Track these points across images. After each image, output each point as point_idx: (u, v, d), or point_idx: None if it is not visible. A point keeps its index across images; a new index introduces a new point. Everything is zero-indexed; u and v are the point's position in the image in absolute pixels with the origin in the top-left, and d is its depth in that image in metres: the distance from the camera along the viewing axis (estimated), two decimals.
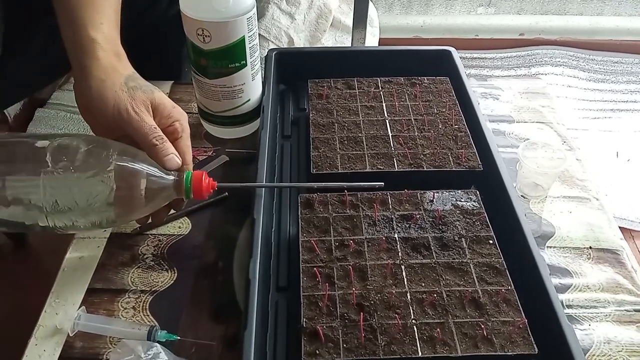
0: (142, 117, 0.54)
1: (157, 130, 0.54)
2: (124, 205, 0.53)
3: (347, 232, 0.57)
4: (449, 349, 0.47)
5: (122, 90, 0.54)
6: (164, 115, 0.57)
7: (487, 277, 0.53)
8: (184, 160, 0.56)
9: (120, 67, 0.57)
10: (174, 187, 0.55)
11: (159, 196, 0.55)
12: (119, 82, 0.55)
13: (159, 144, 0.53)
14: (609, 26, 1.84)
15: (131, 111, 0.54)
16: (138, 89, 0.55)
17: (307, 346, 0.47)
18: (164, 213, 0.59)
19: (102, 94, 0.54)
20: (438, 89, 0.75)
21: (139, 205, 0.54)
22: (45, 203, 0.51)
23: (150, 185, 0.53)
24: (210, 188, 0.56)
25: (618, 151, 1.46)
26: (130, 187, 0.52)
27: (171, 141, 0.56)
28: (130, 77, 0.56)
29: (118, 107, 0.54)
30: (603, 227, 0.65)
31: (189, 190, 0.55)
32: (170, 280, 0.59)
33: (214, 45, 0.65)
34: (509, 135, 0.79)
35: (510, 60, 1.81)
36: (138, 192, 0.53)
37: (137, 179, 0.53)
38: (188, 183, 0.55)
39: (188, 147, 0.58)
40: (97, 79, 0.54)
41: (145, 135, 0.54)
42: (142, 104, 0.55)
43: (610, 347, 0.54)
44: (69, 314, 0.54)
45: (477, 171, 0.64)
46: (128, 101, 0.54)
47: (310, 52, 0.88)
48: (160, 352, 0.50)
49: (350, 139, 0.67)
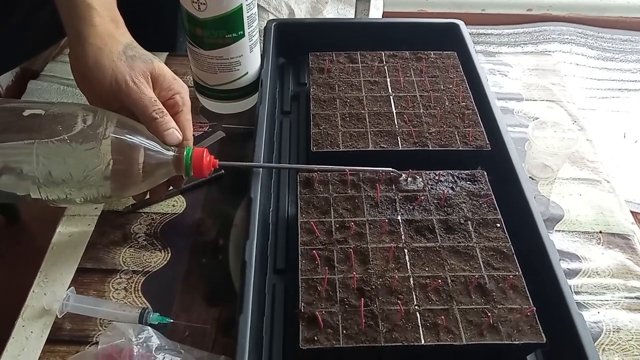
0: (142, 89, 0.51)
1: (157, 102, 0.52)
2: (121, 180, 0.51)
3: (348, 213, 0.54)
4: (453, 337, 0.45)
5: (121, 60, 0.52)
6: (164, 87, 0.54)
7: (493, 262, 0.50)
8: (185, 136, 0.54)
9: (118, 34, 0.54)
10: (173, 164, 0.52)
11: (157, 172, 0.52)
12: (117, 51, 0.52)
13: (159, 117, 0.51)
14: (620, 3, 1.79)
15: (130, 82, 0.51)
16: (137, 59, 0.53)
17: (305, 332, 0.45)
18: (163, 190, 0.57)
19: (100, 63, 0.51)
20: (445, 64, 0.72)
21: (136, 181, 0.52)
22: (38, 174, 0.48)
23: (148, 160, 0.51)
24: (211, 166, 0.54)
25: (625, 132, 1.43)
26: (127, 162, 0.50)
27: (171, 115, 0.53)
28: (129, 45, 0.54)
29: (116, 77, 0.51)
30: (614, 210, 0.63)
31: (189, 167, 0.52)
32: (164, 260, 0.56)
33: (210, 14, 0.62)
34: (518, 113, 0.76)
35: (518, 36, 1.76)
36: (136, 167, 0.50)
37: (135, 153, 0.50)
38: (188, 160, 0.52)
39: (189, 121, 0.55)
40: (94, 46, 0.52)
41: (144, 107, 0.51)
42: (141, 74, 0.52)
43: (620, 336, 0.52)
44: (58, 295, 0.52)
45: (484, 151, 0.61)
46: (127, 71, 0.51)
47: (311, 24, 0.85)
48: (152, 335, 0.48)
49: (353, 116, 0.64)
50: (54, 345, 0.50)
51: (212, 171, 0.54)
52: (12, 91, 1.32)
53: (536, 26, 1.79)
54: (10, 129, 0.50)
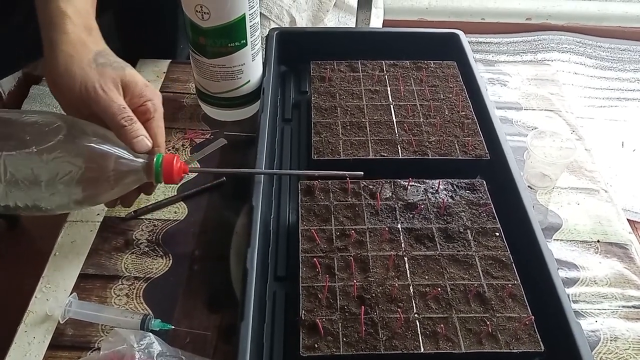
0: (111, 96, 0.51)
1: (126, 110, 0.51)
2: (91, 188, 0.50)
3: (349, 221, 0.55)
4: (453, 345, 0.46)
5: (90, 67, 0.51)
6: (135, 94, 0.54)
7: (492, 271, 0.51)
8: (156, 142, 0.53)
9: (91, 42, 0.54)
10: (143, 170, 0.52)
11: (127, 179, 0.52)
12: (87, 59, 0.52)
13: (128, 124, 0.51)
14: (618, 12, 1.81)
15: (99, 89, 0.51)
16: (108, 66, 0.52)
17: (306, 339, 0.46)
18: (133, 197, 0.56)
19: (70, 70, 0.51)
20: (445, 74, 0.73)
21: (107, 188, 0.51)
22: (6, 181, 0.48)
23: (118, 167, 0.50)
24: (181, 172, 0.53)
25: (624, 141, 1.44)
26: (97, 169, 0.50)
27: (143, 121, 0.53)
28: (101, 53, 0.53)
29: (85, 84, 0.51)
30: (612, 219, 0.64)
31: (159, 174, 0.52)
32: (165, 267, 0.57)
33: (213, 23, 0.63)
34: (517, 123, 0.76)
35: (517, 45, 1.78)
36: (106, 175, 0.50)
37: (106, 161, 0.50)
38: (158, 167, 0.52)
39: (160, 128, 0.55)
40: (64, 53, 0.51)
41: (113, 115, 0.51)
42: (111, 81, 0.52)
43: (617, 345, 0.52)
44: (60, 300, 0.53)
45: (484, 160, 0.61)
46: (96, 79, 0.51)
47: (313, 33, 0.85)
48: (154, 342, 0.48)
49: (353, 124, 0.65)
50: (56, 350, 0.50)
51: (183, 177, 0.54)
52: (14, 96, 1.33)
53: (535, 35, 1.81)
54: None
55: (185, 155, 0.69)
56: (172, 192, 0.64)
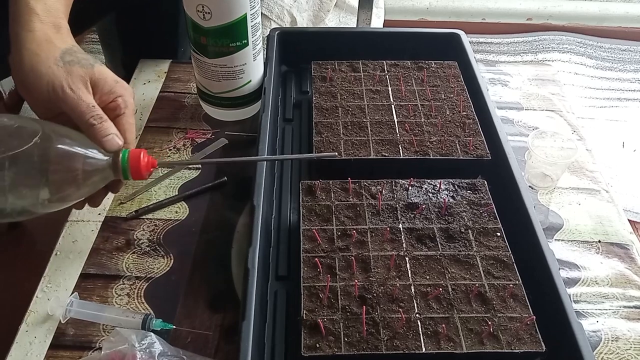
0: (79, 95, 0.50)
1: (95, 108, 0.50)
2: (58, 189, 0.49)
3: (350, 221, 0.55)
4: (454, 345, 0.46)
5: (58, 65, 0.50)
6: (104, 91, 0.52)
7: (494, 271, 0.51)
8: (126, 139, 0.52)
9: (58, 39, 0.52)
10: (110, 168, 0.50)
11: (94, 178, 0.50)
12: (53, 57, 0.50)
13: (97, 123, 0.49)
14: (619, 13, 1.81)
15: (67, 88, 0.49)
16: (76, 64, 0.51)
17: (307, 339, 0.46)
18: (101, 196, 0.54)
19: (36, 69, 0.50)
20: (446, 74, 0.73)
21: (74, 189, 0.50)
22: None
23: (85, 167, 0.49)
24: (149, 167, 0.51)
25: (624, 141, 1.44)
26: (63, 170, 0.48)
27: (113, 118, 0.52)
28: (68, 50, 0.52)
29: (53, 83, 0.49)
30: (613, 220, 0.64)
31: (126, 169, 0.50)
32: (166, 266, 0.57)
33: (215, 23, 0.63)
34: (518, 123, 0.76)
35: (517, 45, 1.78)
36: (72, 175, 0.48)
37: (70, 161, 0.48)
38: (125, 162, 0.49)
39: (131, 124, 0.53)
40: (30, 52, 0.50)
41: (81, 114, 0.49)
42: (79, 79, 0.50)
43: (619, 345, 0.52)
44: (61, 300, 0.53)
45: (485, 160, 0.61)
46: (64, 77, 0.50)
47: (314, 33, 0.85)
48: (155, 341, 0.48)
49: (355, 124, 0.65)
50: (57, 350, 0.50)
51: (151, 172, 0.52)
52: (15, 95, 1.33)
53: (536, 35, 1.81)
54: None
55: (186, 155, 0.69)
56: (173, 191, 0.64)
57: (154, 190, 0.64)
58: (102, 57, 1.08)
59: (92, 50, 1.63)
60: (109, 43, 0.97)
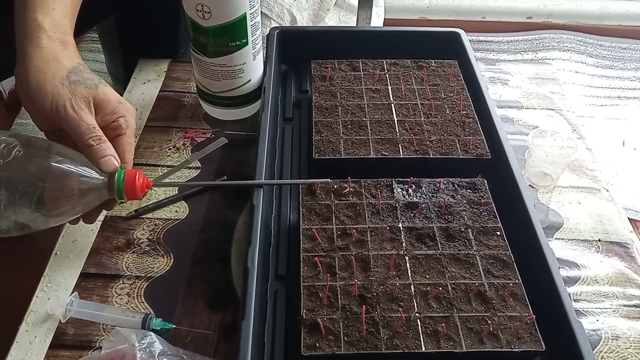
0: (81, 116, 0.50)
1: (94, 130, 0.51)
2: (53, 207, 0.50)
3: (350, 220, 0.55)
4: (454, 344, 0.46)
5: (63, 85, 0.51)
6: (107, 111, 0.53)
7: (494, 270, 0.51)
8: (124, 159, 0.53)
9: (65, 57, 0.52)
10: (105, 187, 0.51)
11: (89, 197, 0.51)
12: (60, 76, 0.51)
13: (95, 144, 0.50)
14: (619, 11, 1.80)
15: (69, 108, 0.50)
16: (81, 84, 0.51)
17: (307, 338, 0.46)
18: (96, 214, 0.55)
19: (41, 87, 0.50)
20: (446, 73, 0.73)
21: (69, 207, 0.51)
22: None
23: (81, 185, 0.50)
24: (144, 188, 0.52)
25: (624, 140, 1.44)
26: (59, 188, 0.49)
27: (114, 137, 0.53)
28: (74, 69, 0.52)
29: (56, 103, 0.50)
30: (613, 219, 0.64)
31: (121, 190, 0.51)
32: (166, 266, 0.57)
33: (214, 22, 0.63)
34: (517, 122, 0.76)
35: (517, 44, 1.77)
36: (67, 193, 0.49)
37: (67, 180, 0.49)
38: (120, 183, 0.51)
39: (130, 145, 0.54)
40: (37, 69, 0.51)
41: (81, 135, 0.50)
42: (82, 100, 0.51)
43: (618, 344, 0.52)
44: (61, 300, 0.53)
45: (485, 159, 0.61)
46: (67, 97, 0.50)
47: (314, 32, 0.85)
48: (155, 341, 0.48)
49: (354, 123, 0.65)
50: (57, 350, 0.50)
51: (146, 192, 0.53)
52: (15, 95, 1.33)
53: (536, 34, 1.80)
54: None
55: (186, 155, 0.69)
56: (173, 191, 0.64)
57: (154, 189, 0.64)
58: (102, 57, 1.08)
59: (92, 50, 1.63)
60: (109, 43, 0.97)
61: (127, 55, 0.90)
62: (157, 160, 0.68)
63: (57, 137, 0.53)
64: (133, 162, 0.54)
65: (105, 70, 1.04)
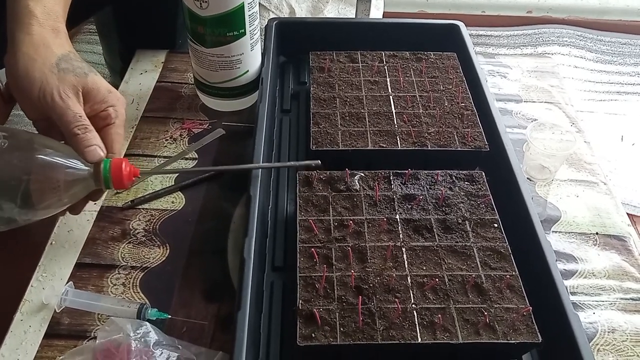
0: (67, 104, 0.50)
1: (81, 118, 0.50)
2: (39, 199, 0.49)
3: (347, 211, 0.54)
4: (450, 336, 0.45)
5: (52, 72, 0.50)
6: (97, 100, 0.52)
7: (490, 262, 0.51)
8: (112, 149, 0.52)
9: (56, 44, 0.52)
10: (91, 177, 0.50)
11: (75, 188, 0.50)
12: (49, 63, 0.50)
13: (81, 133, 0.49)
14: (619, 6, 1.80)
15: (56, 96, 0.49)
16: (70, 72, 0.51)
17: (303, 329, 0.45)
18: (82, 205, 0.55)
19: (30, 74, 0.50)
20: (445, 65, 0.72)
21: (56, 199, 0.50)
22: None
23: (66, 177, 0.49)
24: (132, 176, 0.52)
25: (623, 135, 1.44)
26: (44, 181, 0.48)
27: (103, 127, 0.52)
28: (64, 57, 0.51)
29: (44, 90, 0.49)
30: (610, 212, 0.64)
31: (108, 179, 0.50)
32: (162, 256, 0.57)
33: (212, 12, 0.62)
34: (516, 115, 0.76)
35: (517, 38, 1.77)
36: (53, 185, 0.49)
37: (52, 172, 0.48)
38: (106, 172, 0.50)
39: (119, 135, 0.53)
40: (26, 55, 0.50)
41: (67, 123, 0.49)
42: (71, 88, 0.50)
43: (615, 337, 0.52)
44: (56, 289, 0.52)
45: (483, 151, 0.61)
46: (55, 85, 0.50)
47: (312, 23, 0.85)
48: (150, 331, 0.48)
49: (352, 115, 0.65)
50: (52, 339, 0.50)
51: (134, 181, 0.52)
52: None
53: (535, 28, 1.80)
54: None
55: (183, 145, 0.68)
56: (169, 182, 0.64)
57: (150, 180, 0.64)
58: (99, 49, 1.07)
59: (90, 41, 1.62)
60: (106, 34, 0.96)
61: (124, 46, 0.90)
62: (154, 151, 0.67)
63: (45, 126, 0.53)
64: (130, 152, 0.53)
65: (103, 62, 1.03)
